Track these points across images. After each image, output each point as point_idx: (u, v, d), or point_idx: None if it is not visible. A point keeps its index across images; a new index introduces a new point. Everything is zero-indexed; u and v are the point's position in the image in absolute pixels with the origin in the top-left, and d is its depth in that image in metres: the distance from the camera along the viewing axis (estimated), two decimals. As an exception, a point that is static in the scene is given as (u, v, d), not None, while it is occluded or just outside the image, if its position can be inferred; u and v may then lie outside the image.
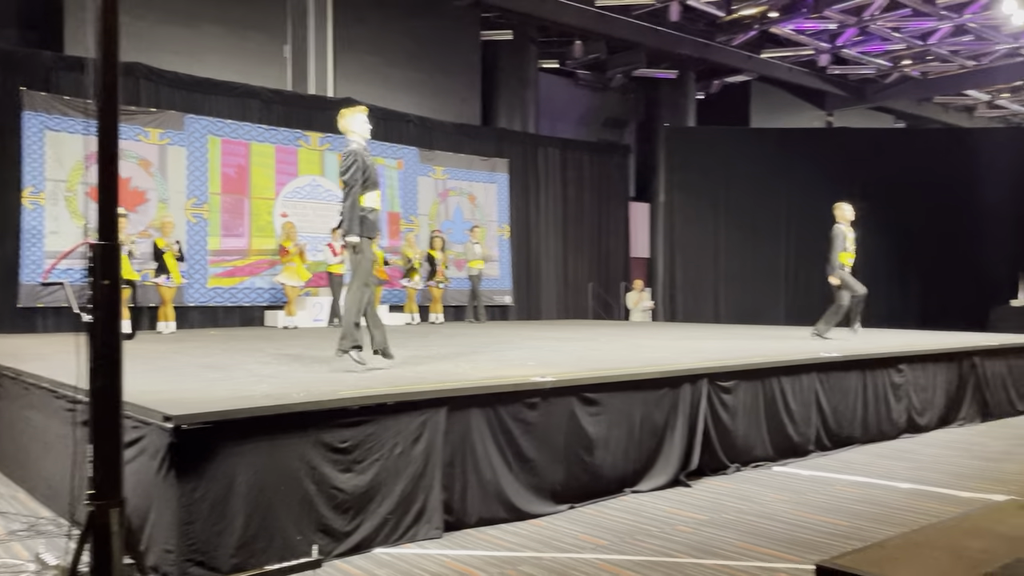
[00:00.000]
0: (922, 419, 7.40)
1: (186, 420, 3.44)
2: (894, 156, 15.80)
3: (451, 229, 14.95)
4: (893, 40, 16.87)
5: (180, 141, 12.01)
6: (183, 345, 8.10)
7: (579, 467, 4.89)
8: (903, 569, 2.79)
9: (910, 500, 4.98)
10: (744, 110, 19.87)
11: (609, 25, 15.86)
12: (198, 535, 3.46)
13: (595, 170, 17.54)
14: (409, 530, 4.11)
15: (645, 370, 5.40)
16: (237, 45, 13.05)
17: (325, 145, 13.44)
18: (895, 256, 15.63)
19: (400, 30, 14.73)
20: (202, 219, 12.17)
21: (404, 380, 4.76)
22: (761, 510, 4.73)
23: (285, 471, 3.72)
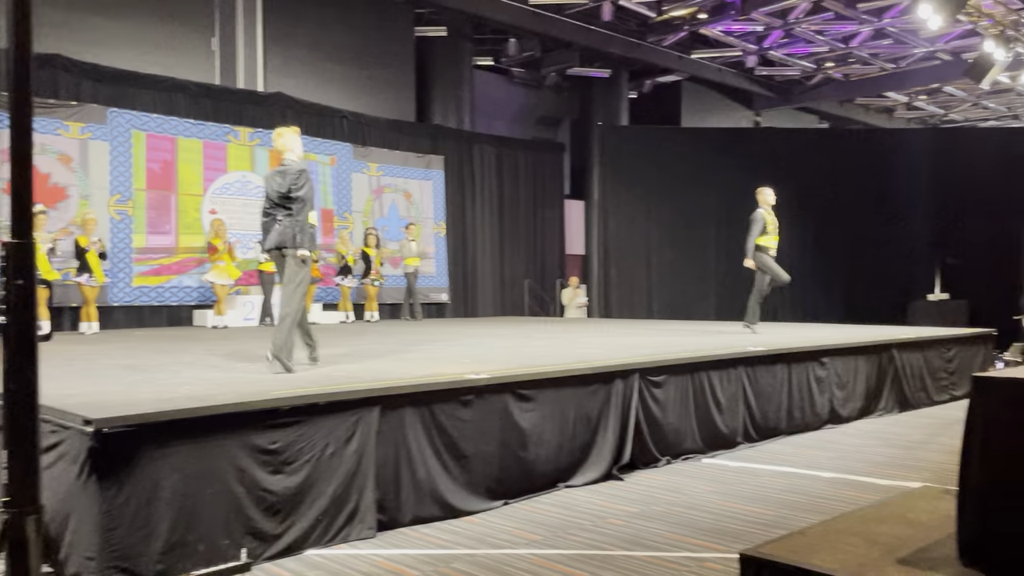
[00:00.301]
0: (844, 410, 7.66)
1: (107, 423, 3.34)
2: (818, 155, 16.30)
3: (386, 226, 14.83)
4: (817, 43, 17.40)
5: (102, 136, 11.62)
6: (106, 346, 7.85)
7: (513, 463, 4.92)
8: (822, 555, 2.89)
9: (832, 489, 5.16)
10: (675, 109, 20.23)
11: (543, 24, 15.95)
12: (121, 541, 3.37)
13: (530, 168, 17.63)
14: (342, 531, 4.08)
15: (578, 366, 5.46)
16: (162, 37, 12.68)
17: (255, 140, 13.17)
18: (819, 252, 16.13)
19: (333, 25, 14.53)
20: (126, 216, 11.81)
21: (336, 379, 4.71)
22: (690, 501, 4.84)
23: (212, 474, 3.65)
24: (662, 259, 16.70)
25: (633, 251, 16.86)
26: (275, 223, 5.53)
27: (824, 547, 2.99)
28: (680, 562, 3.77)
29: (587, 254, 18.86)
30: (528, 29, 16.09)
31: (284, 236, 5.46)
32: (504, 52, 17.43)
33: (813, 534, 3.18)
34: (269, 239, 5.57)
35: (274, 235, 5.52)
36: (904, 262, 15.68)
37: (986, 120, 24.03)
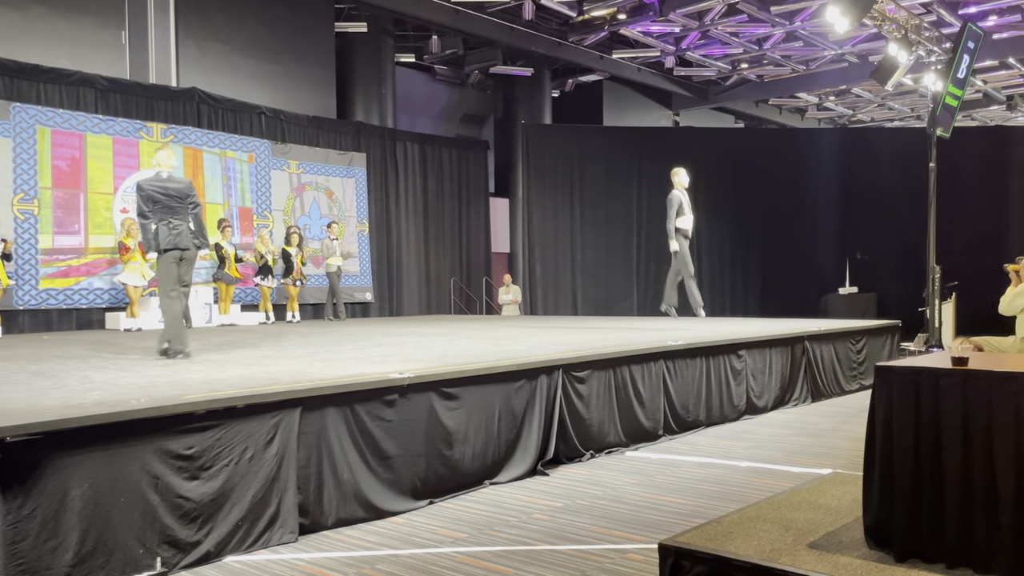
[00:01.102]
0: (760, 401, 7.91)
1: (10, 432, 3.19)
2: (735, 154, 16.75)
3: (308, 225, 14.59)
4: (732, 44, 17.88)
5: (4, 132, 11.08)
6: (10, 352, 7.49)
7: (439, 462, 4.91)
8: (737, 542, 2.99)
9: (748, 477, 5.32)
10: (597, 108, 20.49)
11: (465, 21, 15.94)
12: (27, 554, 3.22)
13: (455, 166, 17.59)
14: (262, 536, 4.00)
15: (503, 363, 5.48)
16: (68, 29, 12.16)
17: (169, 137, 12.76)
18: (737, 248, 16.60)
19: (249, 18, 14.20)
20: (32, 215, 11.29)
21: (255, 381, 4.61)
22: (613, 494, 4.92)
23: (125, 482, 3.53)
24: (585, 256, 16.91)
25: (557, 248, 17.02)
26: (182, 225, 6.35)
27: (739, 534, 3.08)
28: (603, 554, 3.83)
29: (512, 252, 18.95)
30: (450, 26, 16.05)
31: (188, 237, 6.41)
32: (427, 49, 17.34)
33: (729, 522, 3.28)
34: (183, 239, 6.35)
35: (186, 236, 6.36)
36: (816, 257, 16.27)
37: (891, 120, 25.14)
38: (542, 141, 17.36)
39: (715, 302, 16.45)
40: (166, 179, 6.39)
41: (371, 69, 16.24)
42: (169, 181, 6.37)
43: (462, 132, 20.74)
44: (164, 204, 6.30)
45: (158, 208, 6.28)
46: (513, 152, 18.66)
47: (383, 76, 16.42)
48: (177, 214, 6.32)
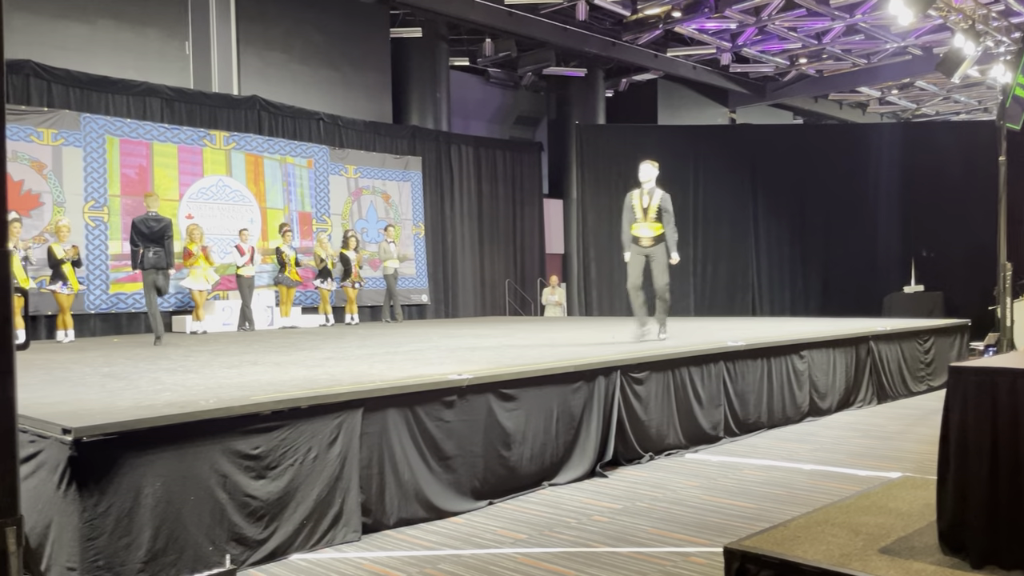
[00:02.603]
0: (823, 403, 7.74)
1: (87, 432, 3.31)
2: (794, 151, 16.44)
3: (365, 228, 14.79)
4: (790, 39, 17.55)
5: (76, 142, 11.50)
6: (84, 354, 7.76)
7: (498, 463, 4.93)
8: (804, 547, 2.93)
9: (812, 480, 5.21)
10: (652, 107, 20.32)
11: (518, 23, 15.97)
12: (103, 550, 3.33)
13: (509, 168, 17.63)
14: (326, 534, 4.06)
15: (560, 364, 5.47)
16: (135, 41, 12.55)
17: (231, 144, 13.08)
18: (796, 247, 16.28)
19: (308, 27, 14.46)
20: (101, 223, 11.68)
21: (318, 383, 4.69)
22: (674, 497, 4.87)
23: (195, 481, 3.63)
24: (641, 257, 16.75)
25: (612, 249, 16.89)
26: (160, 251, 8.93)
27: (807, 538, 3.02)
28: (665, 557, 3.79)
29: (567, 253, 18.91)
30: (504, 29, 16.10)
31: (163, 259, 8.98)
32: (480, 52, 17.43)
33: (796, 526, 3.22)
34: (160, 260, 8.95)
35: (163, 258, 8.95)
36: (879, 255, 15.85)
37: (957, 114, 24.36)
38: (596, 141, 17.29)
39: (774, 302, 16.17)
40: (152, 218, 8.97)
41: (426, 74, 16.39)
42: (154, 220, 8.93)
43: (516, 134, 20.78)
44: (147, 236, 8.83)
45: (143, 239, 8.83)
46: (567, 153, 18.62)
47: (437, 80, 16.55)
48: (158, 243, 8.90)
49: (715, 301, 16.34)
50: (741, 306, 16.18)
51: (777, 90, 21.06)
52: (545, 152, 19.04)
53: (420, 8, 15.05)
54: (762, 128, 18.72)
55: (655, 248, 7.73)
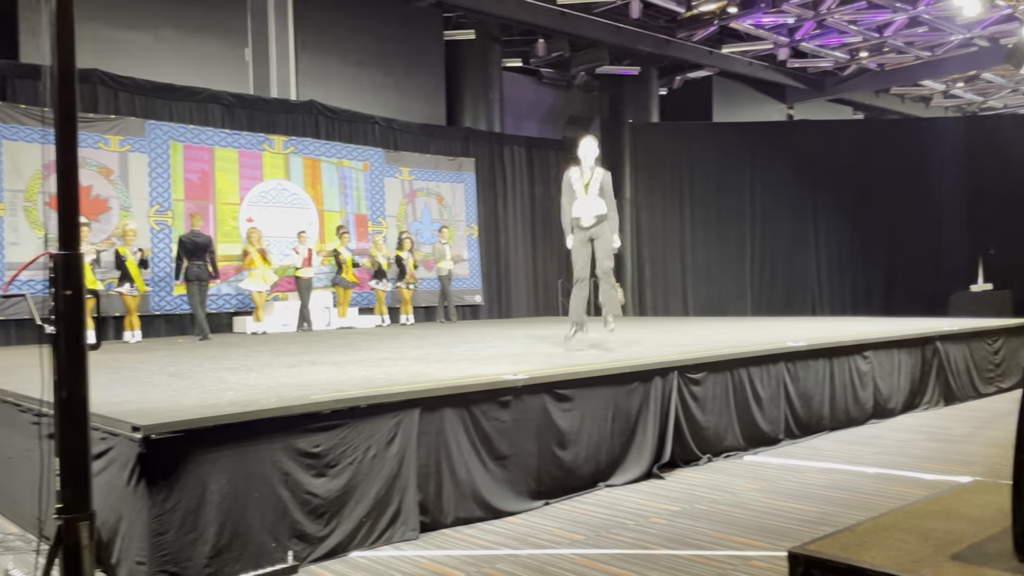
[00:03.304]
0: (888, 404, 7.54)
1: (155, 430, 3.40)
2: (854, 147, 16.06)
3: (419, 230, 14.91)
4: (850, 33, 17.14)
5: (141, 148, 11.84)
6: (150, 354, 7.99)
7: (553, 463, 4.92)
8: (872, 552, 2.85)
9: (877, 484, 5.08)
10: (707, 105, 20.05)
11: (571, 23, 15.92)
12: (170, 546, 3.42)
13: (561, 168, 17.55)
14: (385, 532, 4.10)
15: (616, 364, 5.44)
16: (197, 49, 12.88)
17: (289, 148, 13.33)
18: (857, 245, 15.90)
19: (363, 32, 14.65)
20: (166, 226, 12.01)
21: (376, 382, 4.74)
22: (733, 499, 4.79)
23: (258, 478, 3.70)
24: (696, 256, 16.57)
25: (667, 248, 16.75)
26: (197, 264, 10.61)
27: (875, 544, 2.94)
28: (726, 561, 3.74)
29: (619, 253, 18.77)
30: (556, 29, 16.07)
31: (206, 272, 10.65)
32: (533, 53, 17.42)
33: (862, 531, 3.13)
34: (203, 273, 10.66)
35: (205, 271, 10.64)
36: (944, 253, 15.39)
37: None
38: (650, 140, 17.14)
39: (835, 301, 15.82)
40: (196, 235, 10.70)
41: (479, 75, 16.46)
42: (197, 237, 10.64)
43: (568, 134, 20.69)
44: (192, 251, 10.51)
45: (189, 253, 10.50)
46: (620, 152, 18.48)
47: (490, 82, 16.61)
48: (200, 257, 10.57)
49: (773, 301, 16.05)
50: (800, 306, 15.86)
51: (836, 85, 20.58)
52: (598, 152, 18.92)
53: (473, 10, 15.11)
54: (821, 124, 18.31)
55: (598, 227, 6.95)
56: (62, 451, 2.94)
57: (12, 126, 10.72)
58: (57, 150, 2.97)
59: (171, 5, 12.61)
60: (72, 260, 2.95)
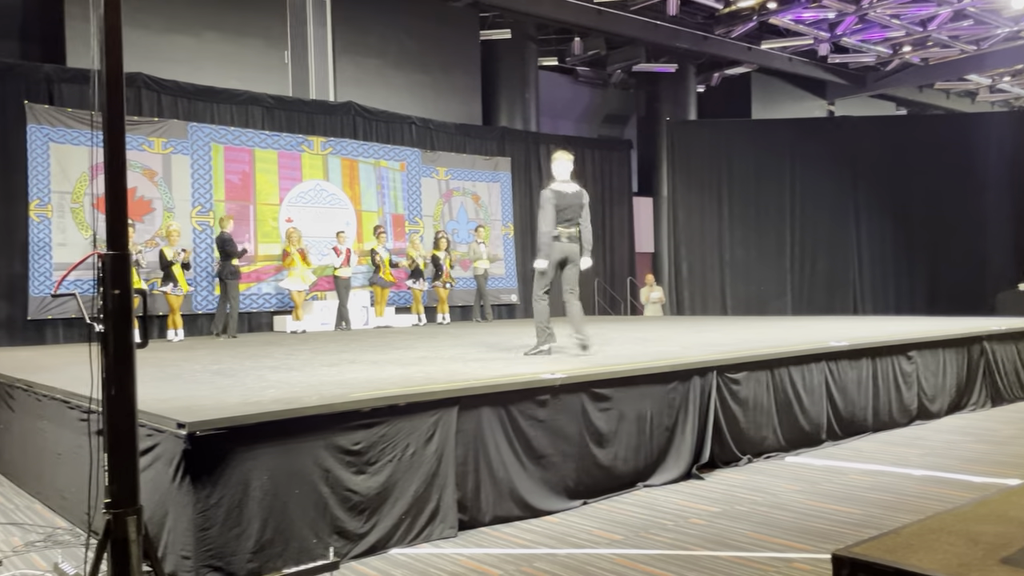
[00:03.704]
0: (933, 405, 7.39)
1: (199, 427, 3.46)
2: (897, 143, 15.77)
3: (456, 229, 14.97)
4: (893, 27, 16.82)
5: (184, 150, 12.05)
6: (193, 352, 8.13)
7: (591, 463, 4.90)
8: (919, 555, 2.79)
9: (923, 487, 4.98)
10: (745, 101, 19.84)
11: (607, 21, 15.86)
12: (215, 540, 3.48)
13: (598, 166, 17.53)
14: (424, 530, 4.13)
15: (654, 364, 5.40)
16: (237, 52, 13.08)
17: (328, 149, 13.47)
18: (900, 244, 15.61)
19: (400, 33, 14.74)
20: (208, 227, 12.21)
21: (415, 381, 4.77)
22: (774, 500, 4.73)
23: (299, 474, 3.74)
24: (734, 255, 16.41)
25: (704, 247, 16.61)
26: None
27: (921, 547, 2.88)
28: (767, 563, 3.69)
29: (657, 251, 18.66)
30: (593, 28, 16.02)
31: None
32: (569, 51, 17.39)
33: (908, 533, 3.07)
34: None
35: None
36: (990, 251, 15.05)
37: (1078, 100, 22.87)
38: (687, 138, 17.01)
39: (877, 300, 15.55)
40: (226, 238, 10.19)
41: (515, 74, 16.47)
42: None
43: (604, 132, 20.65)
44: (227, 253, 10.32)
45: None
46: (657, 150, 18.38)
47: (526, 81, 16.61)
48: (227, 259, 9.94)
49: (814, 299, 15.83)
50: (841, 304, 15.62)
51: (879, 80, 20.23)
52: (634, 150, 18.84)
53: (509, 10, 15.13)
54: (863, 120, 18.02)
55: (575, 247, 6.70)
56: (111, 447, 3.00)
57: (60, 129, 10.98)
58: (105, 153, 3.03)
59: (213, 9, 12.82)
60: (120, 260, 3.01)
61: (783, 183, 16.15)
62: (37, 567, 3.90)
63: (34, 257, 10.72)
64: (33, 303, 10.65)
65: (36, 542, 4.31)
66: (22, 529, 4.60)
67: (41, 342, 10.61)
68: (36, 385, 5.33)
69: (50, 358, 7.67)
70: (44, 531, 4.51)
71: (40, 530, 4.55)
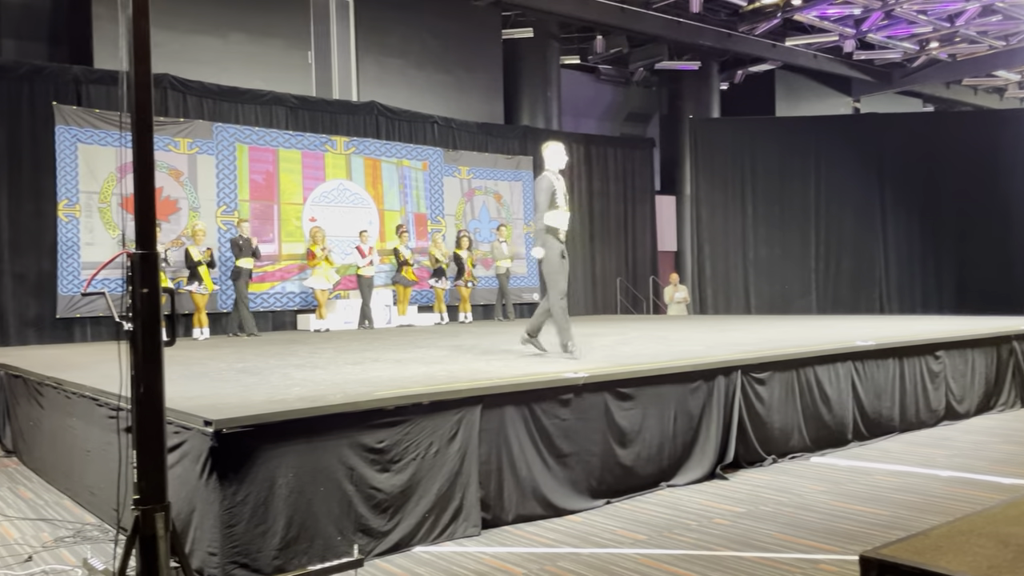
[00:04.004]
0: (961, 406, 7.30)
1: (226, 424, 3.49)
2: (924, 140, 15.57)
3: (478, 228, 14.99)
4: (920, 23, 16.62)
5: (209, 150, 12.17)
6: (218, 351, 8.20)
7: (614, 462, 4.89)
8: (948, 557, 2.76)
9: (951, 488, 4.92)
10: (769, 99, 19.69)
11: (631, 19, 15.81)
12: (241, 537, 3.51)
13: (620, 165, 17.48)
14: (447, 528, 4.14)
15: (678, 363, 5.38)
16: (262, 53, 13.17)
17: (351, 149, 13.54)
18: (928, 242, 15.42)
19: (423, 32, 14.78)
20: (232, 226, 12.31)
21: (437, 379, 4.78)
22: (800, 501, 4.70)
23: (324, 472, 3.76)
24: (758, 253, 16.28)
25: (728, 245, 16.50)
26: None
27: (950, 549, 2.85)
28: (792, 564, 3.66)
29: (679, 250, 18.57)
30: (616, 26, 15.97)
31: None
32: (591, 50, 17.35)
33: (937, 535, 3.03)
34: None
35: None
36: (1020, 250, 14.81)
37: (1110, 95, 22.47)
38: (711, 135, 16.90)
39: (904, 299, 15.37)
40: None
41: (537, 73, 16.46)
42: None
43: (627, 131, 20.58)
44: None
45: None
46: (680, 148, 18.29)
47: (548, 79, 16.60)
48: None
49: (838, 298, 15.67)
50: (867, 303, 15.45)
51: (905, 77, 19.99)
52: (657, 148, 18.76)
53: (531, 8, 15.12)
54: (889, 117, 17.80)
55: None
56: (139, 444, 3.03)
57: (87, 130, 11.12)
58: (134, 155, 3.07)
59: (237, 10, 12.92)
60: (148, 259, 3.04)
61: (808, 181, 16.00)
62: (66, 562, 3.96)
63: (63, 256, 10.88)
64: (62, 302, 10.80)
65: (65, 538, 4.37)
66: (52, 525, 4.66)
67: (69, 340, 10.76)
68: (65, 383, 5.41)
69: (79, 356, 7.77)
70: (73, 527, 4.58)
71: (69, 526, 4.61)
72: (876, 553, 2.86)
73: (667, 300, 16.38)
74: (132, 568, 3.05)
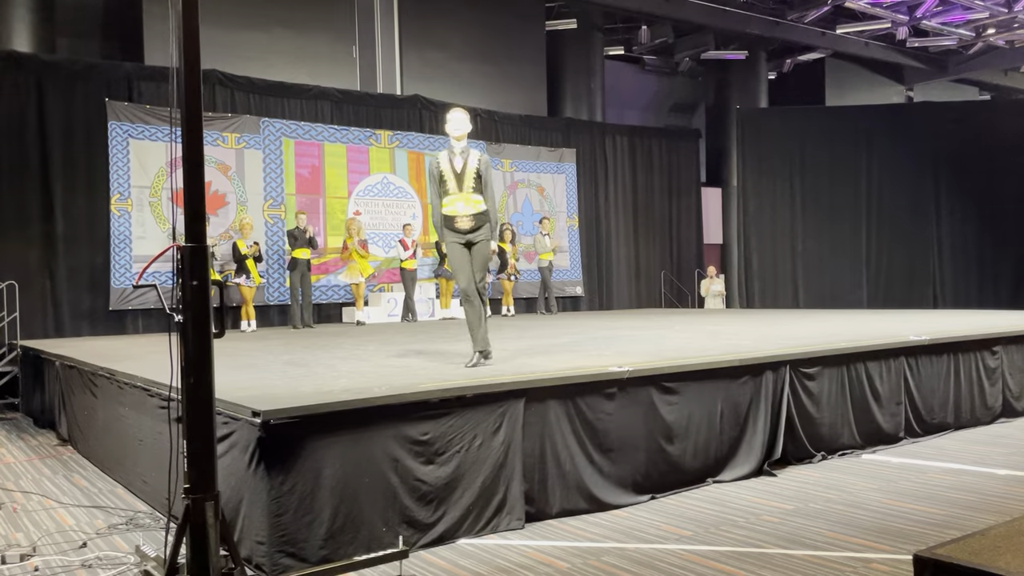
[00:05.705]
0: (1018, 403, 7.09)
1: (274, 415, 3.53)
2: (980, 129, 15.12)
3: (520, 221, 14.96)
4: (976, 8, 16.10)
5: (256, 144, 12.33)
6: (266, 343, 8.32)
7: (659, 457, 4.84)
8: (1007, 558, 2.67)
9: (1008, 487, 4.77)
10: (819, 88, 19.29)
11: (675, 8, 15.60)
12: (288, 527, 3.55)
13: (664, 156, 17.29)
14: (491, 521, 4.14)
15: (724, 358, 5.30)
16: (307, 48, 13.31)
17: (395, 143, 13.61)
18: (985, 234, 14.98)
19: (466, 25, 14.79)
20: (279, 220, 12.47)
21: (481, 372, 4.78)
22: (850, 499, 4.60)
23: (369, 463, 3.79)
24: (807, 246, 15.99)
25: (775, 238, 16.23)
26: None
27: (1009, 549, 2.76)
28: (843, 562, 3.59)
29: (725, 243, 18.32)
30: (660, 15, 15.77)
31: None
32: (635, 40, 17.16)
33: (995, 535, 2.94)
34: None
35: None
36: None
37: None
38: (758, 126, 16.62)
39: (959, 293, 14.97)
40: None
41: (580, 64, 16.35)
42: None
43: (671, 122, 20.35)
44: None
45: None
46: (726, 140, 18.02)
47: (592, 71, 16.48)
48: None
49: (890, 292, 15.32)
50: (920, 298, 15.08)
51: (960, 64, 19.40)
52: (702, 139, 18.52)
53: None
54: (944, 106, 17.31)
55: (478, 232, 5.38)
56: (189, 434, 3.09)
57: (138, 125, 11.35)
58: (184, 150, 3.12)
59: (283, 6, 13.06)
60: (198, 252, 3.09)
61: (859, 171, 15.65)
62: (119, 549, 4.05)
63: (115, 250, 11.13)
64: (114, 294, 11.06)
65: (118, 525, 4.47)
66: (105, 512, 4.78)
67: (122, 332, 11.01)
68: (118, 373, 5.53)
69: (131, 347, 7.95)
70: (126, 514, 4.68)
71: (122, 513, 4.72)
72: (931, 553, 2.78)
73: (703, 292, 16.19)
74: (183, 555, 3.10)
